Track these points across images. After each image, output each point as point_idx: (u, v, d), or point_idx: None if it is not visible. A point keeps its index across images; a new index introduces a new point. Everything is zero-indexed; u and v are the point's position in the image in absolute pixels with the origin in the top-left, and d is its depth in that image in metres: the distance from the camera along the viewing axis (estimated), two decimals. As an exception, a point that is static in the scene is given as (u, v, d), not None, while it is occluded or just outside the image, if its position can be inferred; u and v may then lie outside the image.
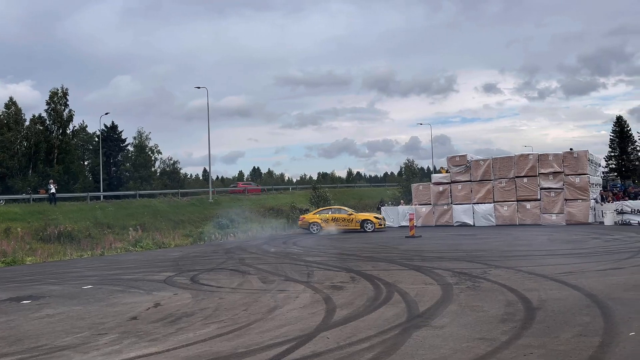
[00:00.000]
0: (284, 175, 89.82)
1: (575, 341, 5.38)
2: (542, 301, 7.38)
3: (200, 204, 35.12)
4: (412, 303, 7.70)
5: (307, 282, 10.21)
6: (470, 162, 27.96)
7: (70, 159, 45.51)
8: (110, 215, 28.31)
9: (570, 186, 24.98)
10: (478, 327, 6.17)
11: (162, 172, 56.58)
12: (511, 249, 14.82)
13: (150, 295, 9.70)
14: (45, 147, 43.41)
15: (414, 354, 5.20)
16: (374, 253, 15.48)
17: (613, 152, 67.46)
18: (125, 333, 6.78)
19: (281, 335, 6.17)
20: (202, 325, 7.02)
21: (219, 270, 13.11)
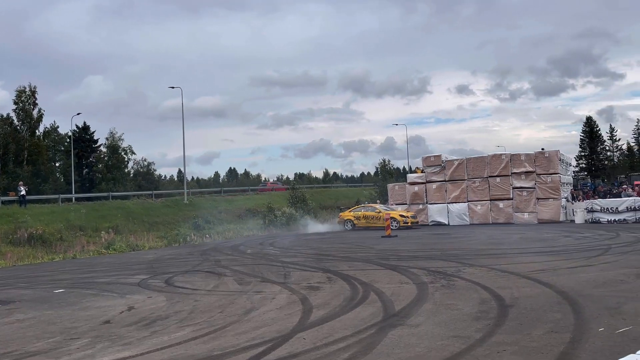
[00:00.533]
0: (260, 176, 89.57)
1: (546, 337, 5.49)
2: (515, 299, 7.52)
3: (175, 206, 34.74)
4: (388, 302, 7.76)
5: (284, 283, 10.19)
6: (445, 162, 28.29)
7: (40, 160, 44.52)
8: (83, 218, 27.79)
9: (542, 185, 25.48)
10: (452, 325, 6.25)
11: (136, 173, 55.79)
12: (485, 248, 15.05)
13: (124, 299, 9.55)
14: (15, 148, 42.34)
15: (390, 353, 5.24)
16: (351, 253, 15.54)
17: (583, 152, 69.09)
18: (98, 337, 6.67)
19: (257, 337, 6.14)
20: (177, 328, 6.94)
21: (194, 272, 12.98)
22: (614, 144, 70.50)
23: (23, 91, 44.79)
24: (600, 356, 4.70)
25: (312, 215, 33.30)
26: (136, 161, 56.57)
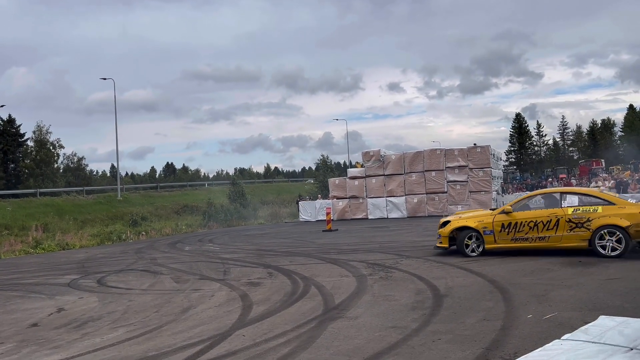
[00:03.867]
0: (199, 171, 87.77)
1: (479, 326, 5.70)
2: (449, 288, 7.76)
3: (108, 202, 33.47)
4: (328, 296, 7.80)
5: (223, 280, 10.04)
6: (383, 157, 28.82)
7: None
8: (8, 216, 26.24)
9: (475, 179, 26.49)
10: (390, 316, 6.37)
11: (65, 168, 53.15)
12: (421, 240, 15.46)
13: (53, 300, 9.09)
14: None
15: (329, 346, 5.26)
16: (292, 248, 15.52)
17: (513, 147, 72.53)
18: (24, 341, 6.31)
19: (195, 336, 6.01)
20: (109, 329, 6.68)
21: (128, 271, 12.53)
22: (541, 139, 74.53)
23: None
24: (529, 342, 4.93)
25: (253, 211, 33.02)
26: (66, 156, 53.86)
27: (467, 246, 10.92)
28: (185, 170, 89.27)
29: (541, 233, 10.22)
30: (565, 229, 9.99)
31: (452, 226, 11.24)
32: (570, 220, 9.95)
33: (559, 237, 10.05)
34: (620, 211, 9.72)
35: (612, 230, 9.63)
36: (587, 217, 9.85)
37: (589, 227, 9.80)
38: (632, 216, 9.59)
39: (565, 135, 76.40)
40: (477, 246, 10.89)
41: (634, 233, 9.56)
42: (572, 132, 76.42)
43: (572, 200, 10.19)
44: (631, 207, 9.79)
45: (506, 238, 10.59)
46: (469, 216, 11.42)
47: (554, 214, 10.10)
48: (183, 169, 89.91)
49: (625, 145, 63.84)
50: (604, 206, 9.89)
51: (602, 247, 9.71)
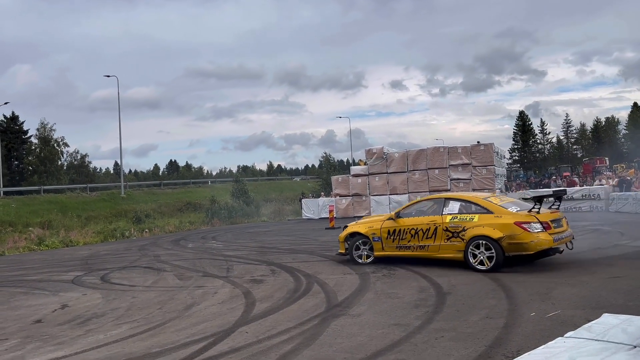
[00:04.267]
0: (202, 169, 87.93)
1: (482, 323, 5.70)
2: (452, 286, 7.76)
3: (111, 199, 33.55)
4: (331, 293, 7.81)
5: (226, 277, 10.05)
6: (386, 154, 28.80)
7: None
8: (12, 213, 26.34)
9: (478, 177, 26.45)
10: (393, 313, 6.37)
11: (69, 166, 53.30)
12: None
13: (57, 297, 9.13)
14: None
15: (332, 343, 5.27)
16: (295, 245, 15.54)
17: (516, 145, 72.39)
18: (28, 337, 6.34)
19: (198, 333, 6.02)
20: (113, 325, 6.70)
21: (131, 268, 12.57)
22: (545, 137, 74.35)
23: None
24: (532, 340, 4.92)
25: (256, 208, 33.06)
26: (69, 153, 54.00)
27: (359, 254, 10.46)
28: (188, 167, 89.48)
29: (422, 241, 9.55)
30: (442, 238, 9.25)
31: (347, 232, 10.80)
32: (447, 229, 9.19)
33: (437, 247, 9.34)
34: (495, 221, 8.76)
35: (483, 242, 8.76)
36: (463, 226, 9.03)
37: (464, 237, 8.97)
38: (505, 227, 8.60)
39: (569, 133, 76.24)
40: (367, 253, 10.41)
41: (506, 246, 8.56)
42: (575, 130, 76.27)
43: (453, 207, 9.40)
44: (507, 216, 8.75)
45: (392, 245, 10.00)
46: (363, 221, 10.94)
47: (433, 222, 9.39)
48: (186, 167, 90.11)
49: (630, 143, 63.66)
50: (481, 214, 8.97)
51: (475, 259, 8.86)
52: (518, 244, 8.50)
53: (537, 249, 8.52)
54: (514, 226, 8.55)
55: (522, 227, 8.51)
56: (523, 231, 8.48)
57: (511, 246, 8.55)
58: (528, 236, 8.46)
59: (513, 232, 8.51)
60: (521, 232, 8.48)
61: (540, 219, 8.66)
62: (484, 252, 8.76)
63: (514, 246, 8.54)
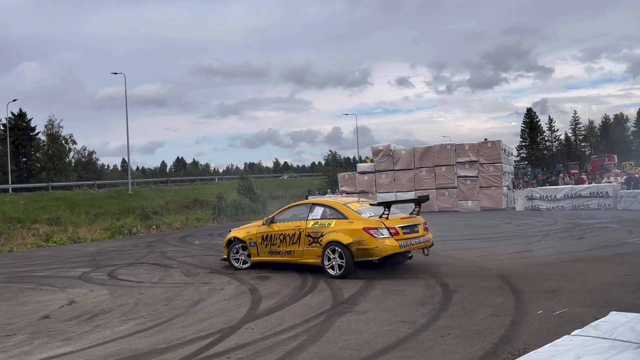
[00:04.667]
0: (209, 166, 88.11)
1: (489, 321, 5.68)
2: (459, 284, 7.73)
3: (119, 196, 33.68)
4: (337, 290, 7.80)
5: (233, 274, 10.07)
6: (393, 151, 28.75)
7: (-28, 148, 42.04)
8: (21, 209, 26.50)
9: (485, 174, 26.34)
10: (399, 310, 6.36)
11: (77, 163, 53.56)
12: (431, 235, 15.41)
13: (64, 293, 9.18)
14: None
15: (338, 340, 5.27)
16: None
17: (524, 142, 71.96)
18: (36, 333, 6.39)
19: (204, 329, 6.04)
20: (120, 322, 6.73)
21: (138, 264, 12.63)
22: (553, 134, 73.90)
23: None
24: (539, 337, 4.89)
25: (262, 205, 33.08)
26: (77, 150, 54.25)
27: (237, 258, 10.49)
28: (195, 164, 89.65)
29: (289, 247, 9.63)
30: (305, 244, 9.30)
31: (229, 236, 10.82)
32: (309, 234, 9.27)
33: (301, 252, 9.38)
34: (348, 226, 8.85)
35: (336, 248, 8.82)
36: (321, 232, 9.11)
37: (321, 243, 9.05)
38: (355, 232, 8.69)
39: (577, 130, 75.71)
40: (245, 258, 10.44)
41: (355, 252, 8.62)
42: (584, 128, 75.71)
43: (317, 213, 9.47)
44: (358, 222, 8.83)
45: (265, 250, 10.05)
46: (243, 227, 11.02)
47: (299, 227, 9.46)
48: (193, 164, 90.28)
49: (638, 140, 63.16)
50: (337, 220, 9.08)
51: (329, 264, 8.90)
52: (365, 249, 8.58)
53: (381, 255, 8.60)
54: (362, 232, 8.63)
55: (369, 233, 8.58)
56: (370, 237, 8.56)
57: (359, 251, 8.63)
58: (374, 242, 8.53)
59: (361, 237, 8.61)
60: (368, 237, 8.56)
61: (388, 225, 8.69)
62: (336, 257, 8.81)
63: (362, 251, 8.62)
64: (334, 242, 8.85)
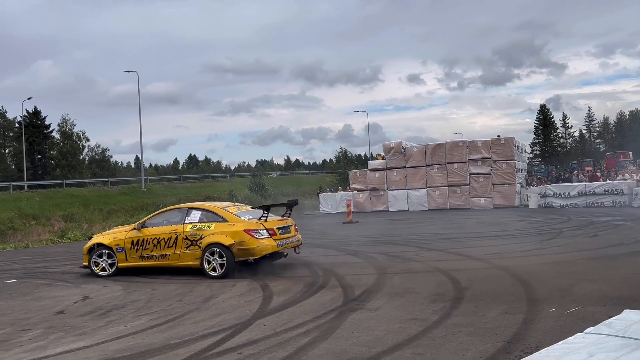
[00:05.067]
0: (221, 163, 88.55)
1: (501, 319, 5.65)
2: (471, 281, 7.70)
3: (132, 193, 33.98)
4: (348, 287, 7.82)
5: (245, 271, 10.10)
6: (405, 149, 28.65)
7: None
8: (36, 206, 26.85)
9: (498, 171, 26.16)
10: (410, 308, 6.35)
11: (91, 160, 54.12)
12: (442, 232, 15.37)
13: (79, 288, 9.29)
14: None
15: (349, 337, 5.28)
16: (312, 239, 15.56)
17: (537, 139, 71.31)
18: (51, 328, 6.47)
19: (216, 325, 6.09)
20: (133, 317, 6.81)
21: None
22: (567, 131, 73.14)
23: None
24: (551, 335, 4.86)
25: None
26: (91, 147, 54.82)
27: (97, 264, 10.35)
28: (207, 162, 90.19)
29: (163, 251, 9.80)
30: (182, 247, 9.61)
31: (91, 243, 10.68)
32: (186, 237, 9.58)
33: (178, 255, 9.65)
34: (228, 228, 9.36)
35: (216, 249, 9.26)
36: (200, 235, 9.47)
37: (200, 245, 9.42)
38: (236, 234, 9.23)
39: (591, 127, 74.92)
40: (109, 264, 10.32)
41: (237, 252, 9.16)
42: (598, 124, 74.88)
43: (194, 217, 9.79)
44: (239, 224, 9.38)
45: (135, 256, 10.09)
46: (108, 232, 10.97)
47: (175, 231, 9.71)
48: (205, 161, 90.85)
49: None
50: (217, 223, 9.51)
51: (209, 266, 9.32)
52: (246, 249, 9.20)
53: (261, 254, 9.29)
54: (243, 233, 9.24)
55: (250, 234, 9.23)
56: (251, 238, 9.20)
57: (240, 252, 9.20)
58: (254, 242, 9.19)
59: (242, 238, 9.19)
60: (249, 238, 9.20)
61: (267, 226, 9.41)
62: (217, 258, 9.26)
63: (243, 252, 9.22)
64: (215, 244, 9.30)
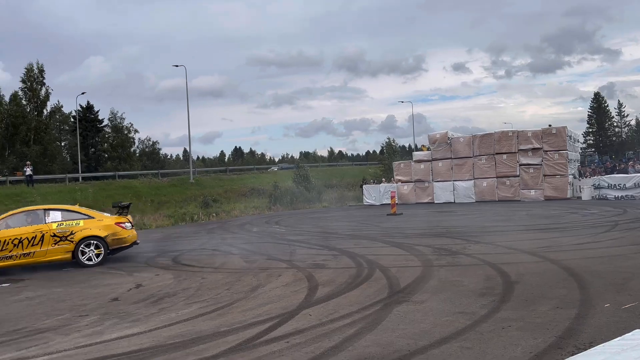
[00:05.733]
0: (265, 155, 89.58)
1: (552, 313, 5.50)
2: (521, 275, 7.52)
3: (181, 185, 34.88)
4: (394, 279, 7.78)
5: (289, 261, 10.24)
6: (451, 139, 28.12)
7: (47, 139, 44.63)
8: (90, 197, 27.97)
9: (549, 162, 25.32)
10: (458, 301, 6.27)
11: (141, 152, 55.85)
12: (491, 225, 15.05)
13: (132, 277, 9.65)
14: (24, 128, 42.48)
15: (395, 329, 5.27)
16: (356, 231, 15.58)
17: (591, 128, 68.47)
18: (106, 314, 6.75)
19: (263, 314, 6.20)
20: (184, 305, 7.01)
21: (201, 250, 13.07)
22: (622, 120, 69.86)
23: (31, 69, 44.49)
24: (606, 331, 4.70)
25: (317, 194, 33.33)
26: (141, 140, 56.58)
27: None
28: (252, 154, 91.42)
29: (26, 249, 10.55)
30: (50, 243, 10.69)
31: None
32: (55, 234, 10.74)
33: (44, 252, 10.65)
34: (100, 223, 11.16)
35: (93, 241, 10.92)
36: (71, 231, 10.87)
37: (73, 240, 10.82)
38: (109, 227, 11.18)
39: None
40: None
41: (111, 242, 11.12)
42: (658, 112, 71.09)
43: (56, 216, 10.99)
44: (107, 219, 11.41)
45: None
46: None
47: (39, 230, 10.67)
48: (250, 153, 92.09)
49: None
50: (85, 220, 11.15)
51: (84, 256, 10.89)
52: (119, 239, 11.31)
53: (131, 242, 11.60)
54: (115, 226, 11.33)
55: (121, 226, 11.41)
56: (121, 229, 11.37)
57: (114, 241, 11.21)
58: (125, 232, 11.43)
59: (115, 230, 11.24)
60: (120, 230, 11.35)
61: (129, 220, 11.76)
62: (93, 249, 10.94)
63: (116, 241, 11.28)
64: (92, 237, 10.98)
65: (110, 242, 11.09)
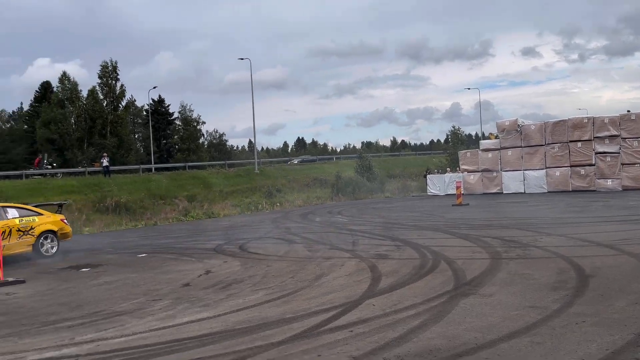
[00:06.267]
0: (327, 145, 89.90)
1: (630, 309, 5.20)
2: (596, 269, 7.15)
3: (246, 175, 35.67)
4: (459, 271, 7.62)
5: (352, 251, 10.26)
6: (521, 127, 27.00)
7: (123, 132, 47.13)
8: (162, 187, 29.17)
9: (628, 150, 23.80)
10: (528, 295, 6.05)
11: (209, 144, 57.65)
12: (564, 216, 14.37)
13: (202, 263, 10.01)
14: (101, 122, 45.15)
15: (462, 322, 5.16)
16: (420, 222, 15.36)
17: (676, 114, 63.67)
18: (178, 299, 7.05)
19: (327, 302, 6.25)
20: (251, 291, 7.20)
21: (266, 238, 13.36)
22: None
23: (106, 66, 47.16)
24: (692, 331, 4.39)
25: (380, 184, 33.10)
26: (209, 133, 58.43)
27: None
28: (314, 144, 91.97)
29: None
30: (15, 237, 11.39)
31: None
32: (19, 229, 11.51)
33: (11, 245, 11.15)
34: (50, 219, 12.29)
35: (49, 235, 12.05)
36: (31, 226, 11.73)
37: (34, 234, 11.73)
38: (57, 223, 12.40)
39: None
40: None
41: (60, 236, 12.37)
42: None
43: (14, 213, 11.74)
44: (54, 216, 12.53)
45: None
46: None
47: (7, 225, 11.28)
48: (312, 144, 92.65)
49: None
50: (38, 216, 12.08)
51: (43, 248, 11.85)
52: (66, 233, 12.66)
53: (71, 236, 13.05)
54: (61, 222, 12.58)
55: (65, 222, 12.71)
56: (65, 225, 12.68)
57: (62, 235, 12.47)
58: (68, 228, 12.82)
59: (62, 226, 12.52)
60: (65, 225, 12.64)
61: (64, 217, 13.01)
62: (50, 242, 12.03)
63: (64, 235, 12.57)
64: (49, 231, 12.09)
65: (60, 236, 12.31)
